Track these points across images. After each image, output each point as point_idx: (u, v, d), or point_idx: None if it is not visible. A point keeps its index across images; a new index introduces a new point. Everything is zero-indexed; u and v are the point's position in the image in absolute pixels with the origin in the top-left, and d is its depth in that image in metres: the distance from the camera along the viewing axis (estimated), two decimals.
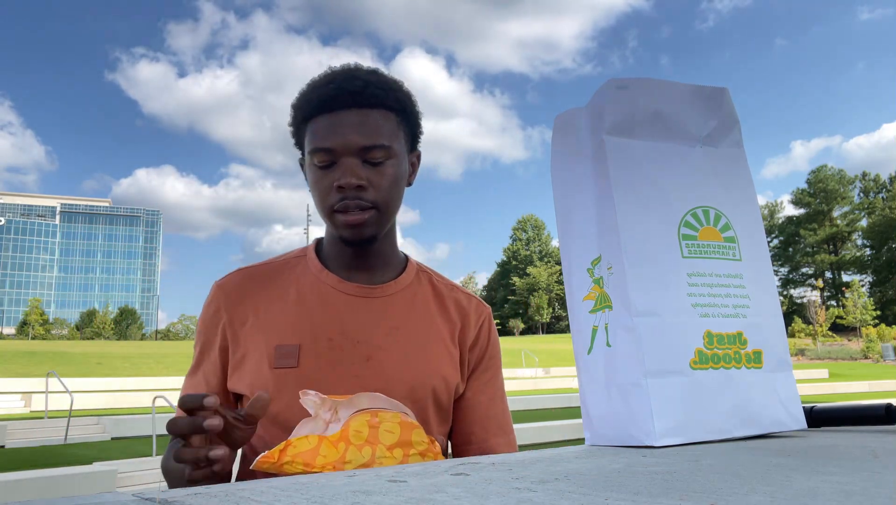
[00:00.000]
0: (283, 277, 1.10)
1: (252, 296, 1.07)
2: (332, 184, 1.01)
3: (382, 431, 0.80)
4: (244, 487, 0.44)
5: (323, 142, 1.00)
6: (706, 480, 0.42)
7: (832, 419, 0.80)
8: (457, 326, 1.13)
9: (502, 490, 0.40)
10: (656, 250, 0.67)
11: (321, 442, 0.77)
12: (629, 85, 0.71)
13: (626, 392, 0.64)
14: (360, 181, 0.99)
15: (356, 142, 1.00)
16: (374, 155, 1.01)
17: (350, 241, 1.04)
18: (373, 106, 1.02)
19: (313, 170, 1.03)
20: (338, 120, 1.00)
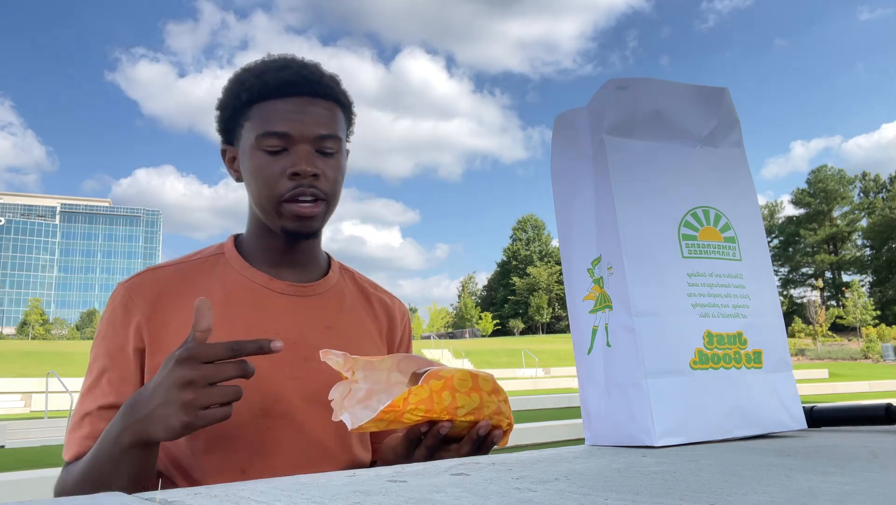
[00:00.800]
0: (204, 277, 1.02)
1: (170, 297, 0.99)
2: (283, 171, 0.96)
3: (481, 379, 0.85)
4: (244, 487, 0.44)
5: (278, 125, 0.96)
6: (706, 480, 0.42)
7: (832, 419, 0.80)
8: (384, 324, 1.13)
9: (502, 490, 0.40)
10: (656, 250, 0.67)
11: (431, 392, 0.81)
12: (629, 85, 0.71)
13: (626, 392, 0.64)
14: (316, 170, 0.96)
15: (314, 130, 0.97)
16: (327, 145, 0.98)
17: (295, 233, 0.99)
18: (325, 97, 1.00)
19: (259, 155, 0.97)
20: (294, 106, 0.97)
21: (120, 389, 0.94)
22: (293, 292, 1.03)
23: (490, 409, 0.84)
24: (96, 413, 0.94)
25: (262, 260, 1.05)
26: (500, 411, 0.86)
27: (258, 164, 0.97)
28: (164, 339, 0.96)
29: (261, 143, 0.96)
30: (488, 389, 0.85)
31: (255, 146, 0.97)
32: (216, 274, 1.03)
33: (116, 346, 0.96)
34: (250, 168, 0.98)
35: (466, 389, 0.83)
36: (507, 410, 0.88)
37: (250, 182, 1.00)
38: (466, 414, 0.82)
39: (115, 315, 0.98)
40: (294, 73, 0.98)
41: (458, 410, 0.82)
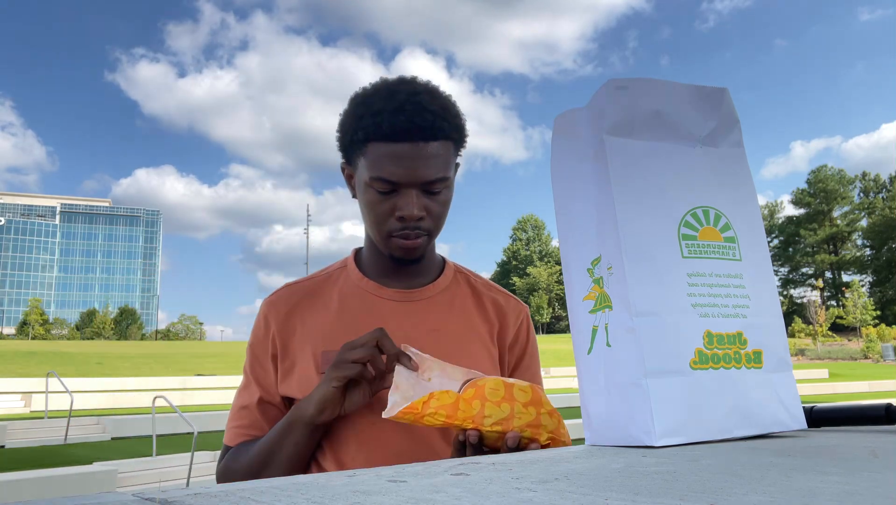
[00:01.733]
0: (327, 288, 1.16)
1: (299, 308, 1.14)
2: (391, 211, 1.03)
3: (517, 389, 0.84)
4: (244, 487, 0.44)
5: (388, 173, 1.01)
6: (706, 480, 0.42)
7: (832, 419, 0.80)
8: (495, 325, 1.17)
9: (502, 490, 0.40)
10: (656, 250, 0.67)
11: (458, 399, 0.81)
12: (629, 85, 0.71)
13: (626, 392, 0.64)
14: (422, 213, 1.03)
15: (422, 176, 1.01)
16: (435, 187, 1.04)
17: (401, 260, 1.09)
18: (437, 137, 1.03)
19: (371, 193, 1.04)
20: (404, 152, 1.01)
21: (266, 388, 1.12)
22: (400, 298, 1.12)
23: (522, 420, 0.83)
24: (253, 407, 1.12)
25: (375, 271, 1.15)
26: (539, 424, 0.84)
27: (369, 201, 1.05)
28: (291, 346, 1.11)
29: (373, 184, 1.03)
30: (524, 399, 0.84)
31: (367, 183, 1.04)
32: (336, 285, 1.16)
33: (260, 355, 1.14)
34: (363, 201, 1.07)
35: (497, 399, 0.82)
36: (552, 423, 0.85)
37: (364, 213, 1.08)
38: (493, 424, 0.81)
39: (259, 327, 1.15)
40: (408, 120, 1.00)
41: (485, 420, 0.81)
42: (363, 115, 1.03)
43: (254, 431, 1.11)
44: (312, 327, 1.12)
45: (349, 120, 1.07)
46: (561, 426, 0.86)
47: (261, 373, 1.13)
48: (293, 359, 1.11)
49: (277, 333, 1.12)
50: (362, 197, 1.07)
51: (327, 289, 1.16)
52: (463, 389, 0.84)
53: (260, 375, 1.13)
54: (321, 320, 1.12)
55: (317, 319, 1.12)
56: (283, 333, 1.12)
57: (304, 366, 1.08)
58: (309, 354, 1.09)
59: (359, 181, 1.07)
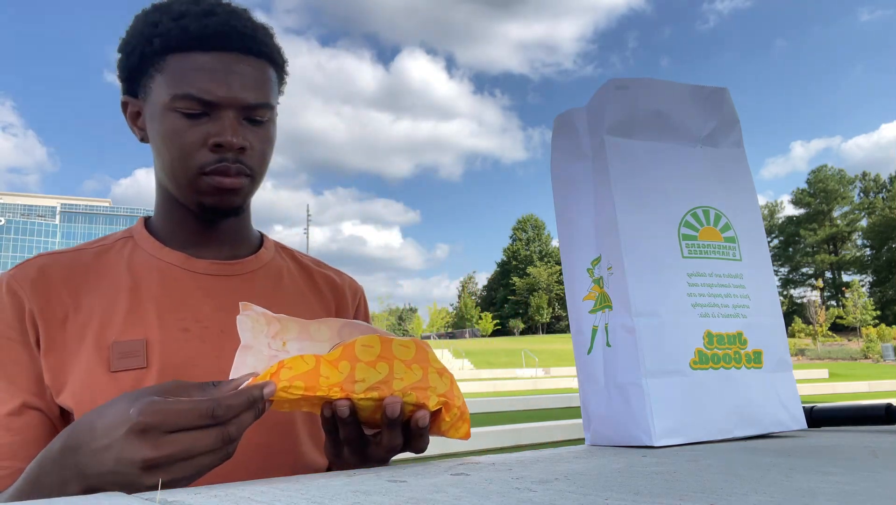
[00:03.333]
0: (108, 262, 0.87)
1: (65, 286, 0.83)
2: (202, 140, 0.81)
3: (396, 345, 0.66)
4: (244, 487, 0.44)
5: (198, 89, 0.80)
6: (706, 480, 0.42)
7: (832, 419, 0.80)
8: (331, 304, 0.98)
9: (502, 490, 0.40)
10: (656, 250, 0.67)
11: (319, 362, 0.63)
12: (629, 85, 0.71)
13: (626, 392, 0.64)
14: (244, 142, 0.82)
15: (243, 96, 0.82)
16: (258, 114, 0.84)
17: (214, 209, 0.85)
18: (259, 55, 0.85)
19: (173, 118, 0.82)
20: (221, 63, 0.81)
21: (28, 387, 0.78)
22: (216, 272, 0.88)
23: (406, 381, 0.65)
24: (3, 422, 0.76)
25: (178, 240, 0.90)
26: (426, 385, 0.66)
27: (172, 129, 0.82)
28: (59, 336, 0.80)
29: (177, 105, 0.81)
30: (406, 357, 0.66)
31: (168, 106, 0.81)
32: (123, 258, 0.88)
33: (10, 342, 0.80)
34: (161, 132, 0.83)
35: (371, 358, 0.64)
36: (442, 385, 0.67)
37: (161, 149, 0.84)
38: (367, 390, 0.63)
39: (2, 310, 0.81)
40: (222, 22, 0.82)
41: (357, 386, 0.63)
42: (159, 22, 0.83)
43: (9, 461, 0.75)
44: (92, 312, 0.81)
45: (139, 33, 0.84)
46: (454, 388, 0.68)
47: (14, 369, 0.79)
48: (63, 352, 0.79)
49: (38, 313, 0.80)
50: (160, 128, 0.83)
51: (109, 263, 0.87)
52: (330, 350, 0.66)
53: (14, 372, 0.78)
54: (105, 302, 0.82)
55: (99, 300, 0.83)
56: (46, 314, 0.81)
57: (85, 363, 0.78)
58: (91, 346, 0.79)
59: (152, 109, 0.84)
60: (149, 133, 0.87)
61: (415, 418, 0.64)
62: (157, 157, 0.86)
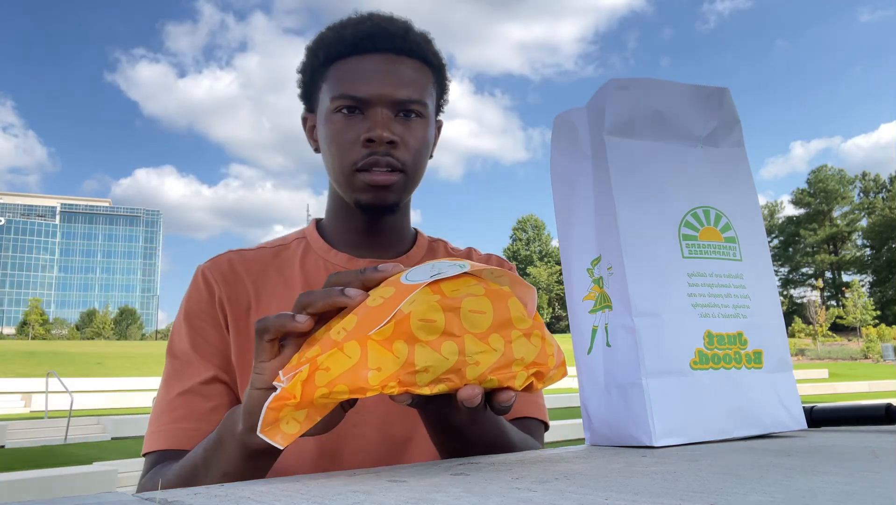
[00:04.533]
0: (284, 261, 0.95)
1: (250, 279, 0.92)
2: (357, 137, 0.86)
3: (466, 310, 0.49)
4: (244, 487, 0.44)
5: (353, 87, 0.86)
6: (706, 480, 0.42)
7: (832, 419, 0.80)
8: None
9: (502, 490, 0.40)
10: (656, 250, 0.67)
11: (366, 349, 0.47)
12: (629, 85, 0.71)
13: (626, 392, 0.64)
14: (394, 136, 0.85)
15: (393, 92, 0.86)
16: (409, 107, 0.87)
17: (370, 205, 0.89)
18: (411, 55, 0.89)
19: (334, 120, 0.87)
20: (373, 64, 0.87)
21: (218, 363, 0.86)
22: None
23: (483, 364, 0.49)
24: (197, 389, 0.84)
25: (343, 241, 0.96)
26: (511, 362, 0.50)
27: (333, 131, 0.88)
28: (243, 324, 0.88)
29: (336, 106, 0.87)
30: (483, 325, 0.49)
31: (330, 110, 0.88)
32: (297, 258, 0.95)
33: (204, 323, 0.88)
34: (325, 135, 0.89)
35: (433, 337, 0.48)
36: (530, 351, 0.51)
37: (325, 151, 0.90)
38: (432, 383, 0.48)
39: (198, 293, 0.90)
40: (375, 26, 0.88)
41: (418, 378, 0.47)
42: (325, 37, 0.90)
43: (203, 424, 0.81)
44: (271, 307, 0.89)
45: (310, 51, 0.92)
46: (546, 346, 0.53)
47: (206, 347, 0.87)
48: (247, 338, 0.87)
49: (227, 301, 0.89)
50: (324, 132, 0.89)
51: (286, 260, 0.95)
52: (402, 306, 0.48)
53: (206, 350, 0.87)
54: (282, 299, 0.90)
55: (276, 297, 0.90)
56: (233, 302, 0.89)
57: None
58: None
59: (320, 117, 0.91)
60: (319, 140, 0.93)
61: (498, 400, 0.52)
62: (324, 160, 0.92)
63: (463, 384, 0.49)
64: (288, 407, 0.48)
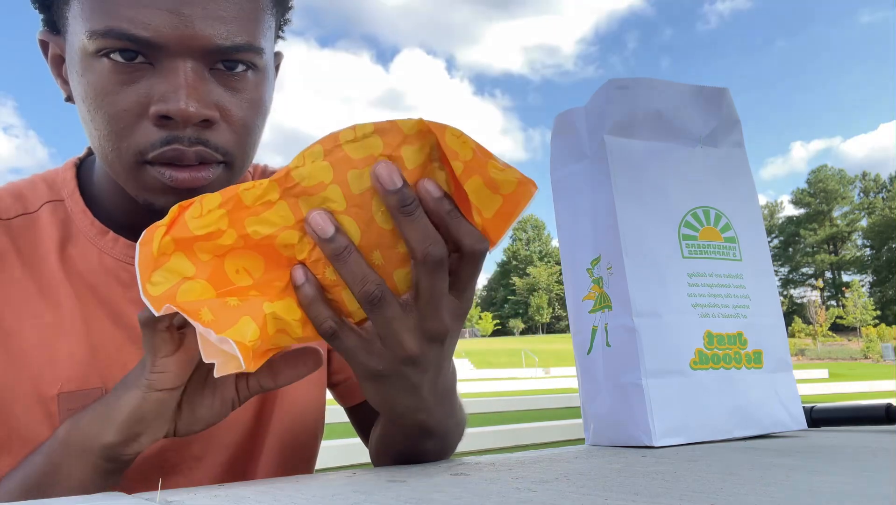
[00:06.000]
0: (32, 246, 0.61)
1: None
2: (142, 107, 0.52)
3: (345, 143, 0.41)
4: (244, 487, 0.44)
5: (133, 19, 0.50)
6: (706, 480, 0.42)
7: (832, 419, 0.80)
8: None
9: (502, 490, 0.40)
10: (656, 250, 0.67)
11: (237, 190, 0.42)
12: (629, 85, 0.71)
13: (626, 392, 0.64)
14: (209, 112, 0.52)
15: (211, 34, 0.52)
16: (232, 57, 0.54)
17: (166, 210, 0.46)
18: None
19: (98, 69, 0.52)
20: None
21: None
22: None
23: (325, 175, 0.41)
24: None
25: (123, 223, 0.63)
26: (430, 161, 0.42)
27: (97, 88, 0.52)
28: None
29: (100, 48, 0.51)
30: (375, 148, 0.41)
31: (88, 51, 0.52)
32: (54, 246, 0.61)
33: None
34: (83, 92, 0.54)
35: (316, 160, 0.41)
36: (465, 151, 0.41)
37: (86, 117, 0.55)
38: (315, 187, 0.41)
39: None
40: None
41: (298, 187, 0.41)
42: None
43: None
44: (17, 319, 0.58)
45: None
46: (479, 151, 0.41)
47: None
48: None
49: None
50: (80, 83, 0.54)
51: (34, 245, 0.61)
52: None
53: None
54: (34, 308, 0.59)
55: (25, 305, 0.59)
56: None
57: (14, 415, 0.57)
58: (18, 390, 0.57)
59: (72, 54, 0.55)
60: (73, 89, 0.57)
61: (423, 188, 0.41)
62: (84, 125, 0.57)
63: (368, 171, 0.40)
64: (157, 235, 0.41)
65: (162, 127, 0.52)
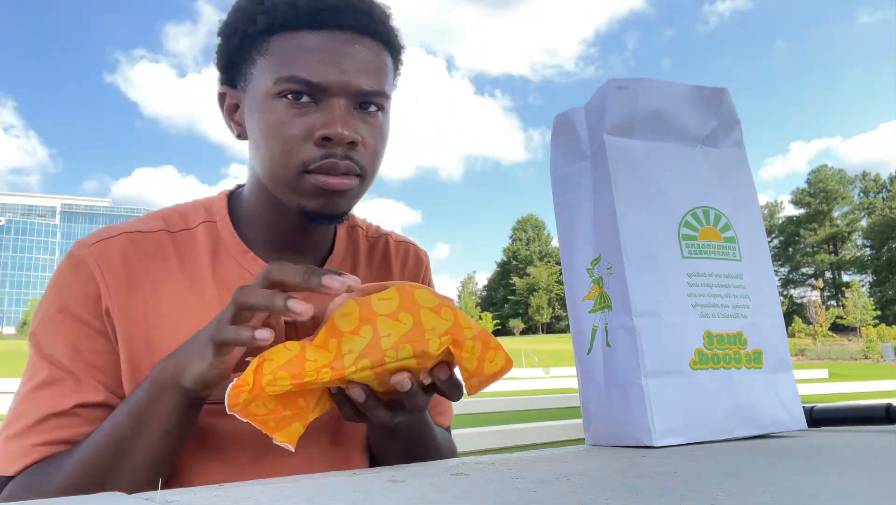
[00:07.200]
0: (189, 254, 0.78)
1: (144, 277, 0.75)
2: (309, 131, 0.71)
3: (376, 301, 0.57)
4: (244, 487, 0.44)
5: (308, 70, 0.70)
6: (706, 480, 0.42)
7: (832, 419, 0.80)
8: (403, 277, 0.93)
9: (502, 490, 0.40)
10: (656, 250, 0.67)
11: (304, 349, 0.56)
12: (629, 85, 0.71)
13: (626, 392, 0.64)
14: (355, 136, 0.71)
15: (355, 81, 0.71)
16: (371, 100, 0.74)
17: (317, 213, 0.74)
18: (375, 35, 0.74)
19: (276, 107, 0.72)
20: (333, 44, 0.71)
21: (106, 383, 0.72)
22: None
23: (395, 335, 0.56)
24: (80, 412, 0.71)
25: (264, 242, 0.81)
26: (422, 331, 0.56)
27: (275, 120, 0.72)
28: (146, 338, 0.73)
29: (281, 90, 0.71)
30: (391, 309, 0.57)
31: (271, 93, 0.72)
32: (207, 251, 0.79)
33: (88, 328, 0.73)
34: (262, 123, 0.73)
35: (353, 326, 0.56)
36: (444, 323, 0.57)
37: (260, 142, 0.74)
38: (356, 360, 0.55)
39: (80, 289, 0.73)
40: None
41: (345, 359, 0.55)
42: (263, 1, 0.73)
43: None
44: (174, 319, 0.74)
45: (241, 11, 0.75)
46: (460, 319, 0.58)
47: (93, 360, 0.72)
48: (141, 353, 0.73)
49: (117, 308, 0.73)
50: (260, 119, 0.73)
51: (191, 253, 0.78)
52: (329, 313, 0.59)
53: (93, 364, 0.72)
54: (192, 310, 0.75)
55: (182, 306, 0.75)
56: (124, 309, 0.73)
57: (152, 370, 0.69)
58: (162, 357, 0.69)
59: (252, 98, 0.74)
60: (247, 127, 0.77)
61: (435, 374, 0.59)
62: (255, 152, 0.76)
63: (381, 357, 0.56)
64: (244, 393, 0.55)
65: (322, 146, 0.71)
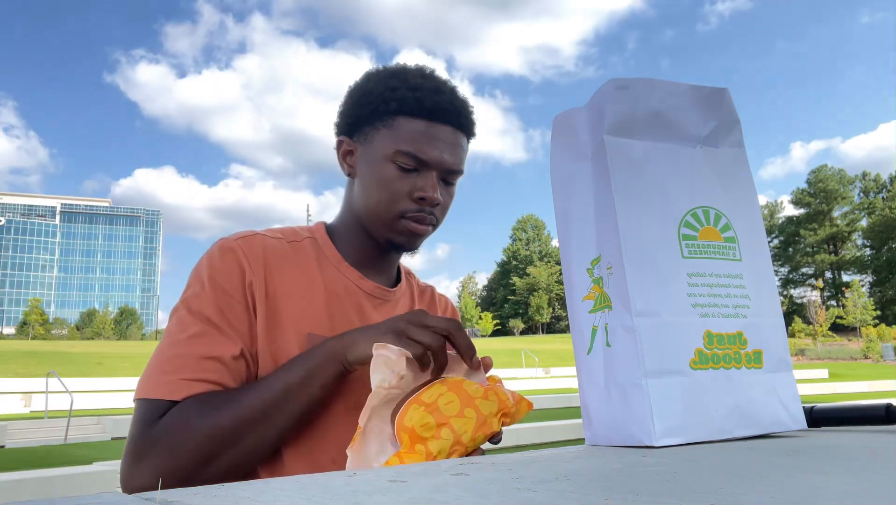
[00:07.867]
0: (304, 259, 1.03)
1: (276, 268, 0.98)
2: (409, 191, 0.99)
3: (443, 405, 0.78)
4: (244, 487, 0.44)
5: (419, 151, 0.98)
6: (706, 480, 0.42)
7: (832, 419, 0.80)
8: None
9: (502, 490, 0.40)
10: (656, 250, 0.67)
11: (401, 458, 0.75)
12: (629, 85, 0.71)
13: (626, 392, 0.64)
14: (440, 200, 1.00)
15: (449, 163, 1.00)
16: (453, 177, 1.03)
17: (401, 247, 1.04)
18: (463, 129, 1.03)
19: (389, 168, 0.99)
20: (439, 133, 0.99)
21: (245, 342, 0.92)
22: (379, 295, 1.07)
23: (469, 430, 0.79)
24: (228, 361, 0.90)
25: (353, 258, 1.06)
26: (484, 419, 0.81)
27: (387, 177, 0.99)
28: (270, 308, 0.95)
29: (397, 158, 0.98)
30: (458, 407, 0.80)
31: (389, 157, 0.98)
32: (314, 260, 1.03)
33: (233, 298, 0.93)
34: (375, 176, 1.00)
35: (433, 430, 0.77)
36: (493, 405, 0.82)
37: (371, 190, 1.00)
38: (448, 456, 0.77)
39: (229, 269, 0.94)
40: (449, 102, 1.01)
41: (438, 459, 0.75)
42: (397, 88, 1.00)
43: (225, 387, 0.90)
44: (295, 300, 0.98)
45: (375, 93, 1.01)
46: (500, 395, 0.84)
47: (236, 323, 0.93)
48: (273, 327, 0.95)
49: (256, 286, 0.95)
50: (374, 173, 1.00)
51: (305, 259, 1.03)
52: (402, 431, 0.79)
53: (236, 326, 0.93)
54: (306, 295, 0.99)
55: (298, 291, 0.99)
56: (259, 289, 0.95)
57: (286, 341, 0.95)
58: (290, 330, 0.96)
59: (370, 155, 1.01)
60: (360, 173, 1.03)
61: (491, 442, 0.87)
62: (362, 193, 1.03)
63: (464, 449, 0.78)
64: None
65: (417, 203, 1.00)
